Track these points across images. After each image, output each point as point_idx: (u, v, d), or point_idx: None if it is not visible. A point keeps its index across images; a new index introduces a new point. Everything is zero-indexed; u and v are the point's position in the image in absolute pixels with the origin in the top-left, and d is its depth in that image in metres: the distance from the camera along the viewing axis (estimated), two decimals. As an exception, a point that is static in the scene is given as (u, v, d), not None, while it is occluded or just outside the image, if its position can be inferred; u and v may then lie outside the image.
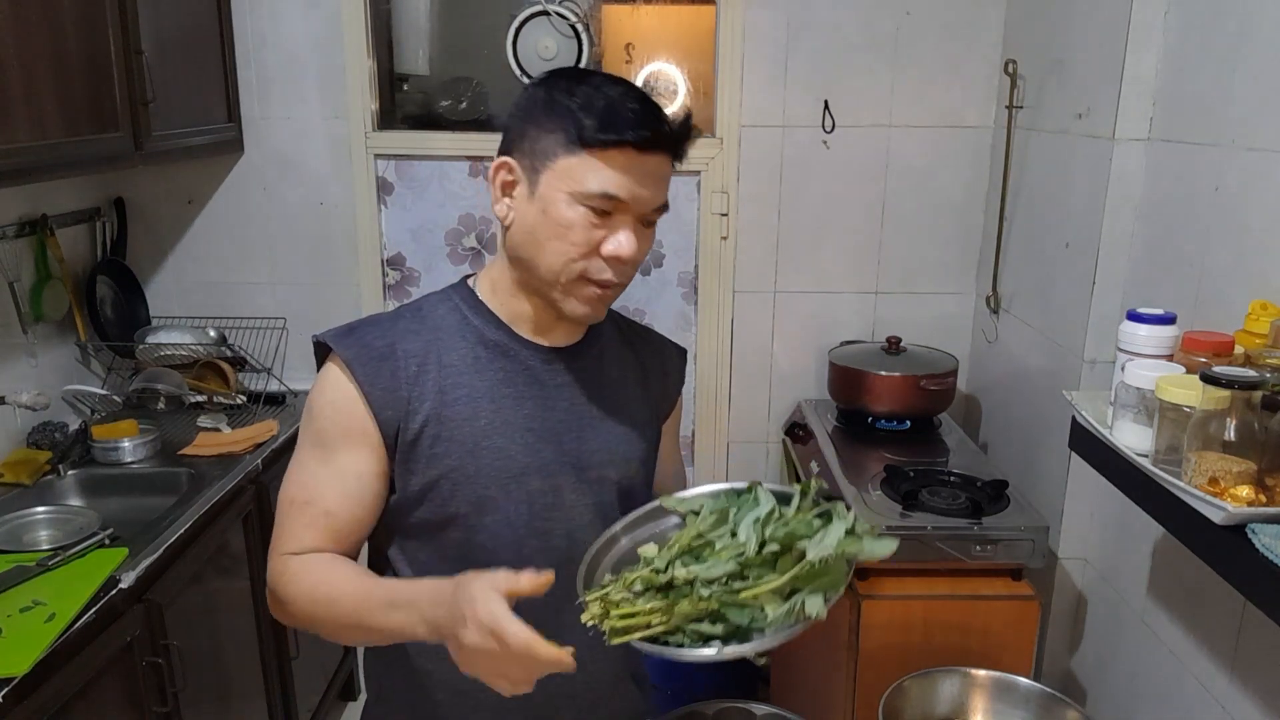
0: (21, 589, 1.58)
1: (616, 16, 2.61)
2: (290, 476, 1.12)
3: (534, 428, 1.10)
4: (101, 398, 2.40)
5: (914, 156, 2.52)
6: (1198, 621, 1.59)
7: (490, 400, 1.09)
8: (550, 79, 1.06)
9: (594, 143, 0.99)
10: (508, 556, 1.06)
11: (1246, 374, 1.10)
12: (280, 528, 1.10)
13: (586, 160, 1.00)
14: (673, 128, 1.03)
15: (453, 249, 2.65)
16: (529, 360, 1.12)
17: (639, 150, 1.00)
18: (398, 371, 1.07)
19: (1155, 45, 1.75)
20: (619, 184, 1.01)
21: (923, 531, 1.83)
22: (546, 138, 1.02)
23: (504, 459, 1.08)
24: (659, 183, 1.04)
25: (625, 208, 1.02)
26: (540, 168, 1.03)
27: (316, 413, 1.09)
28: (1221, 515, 1.07)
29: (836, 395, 2.43)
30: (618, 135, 0.99)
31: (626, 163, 1.00)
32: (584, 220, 1.02)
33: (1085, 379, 1.91)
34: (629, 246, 1.03)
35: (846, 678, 1.88)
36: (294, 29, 2.47)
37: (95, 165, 2.05)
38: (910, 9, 2.43)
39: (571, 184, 1.01)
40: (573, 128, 1.00)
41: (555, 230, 1.02)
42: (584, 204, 1.01)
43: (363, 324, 1.12)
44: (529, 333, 1.13)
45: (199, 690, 1.86)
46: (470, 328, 1.11)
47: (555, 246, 1.03)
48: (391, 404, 1.06)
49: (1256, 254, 1.46)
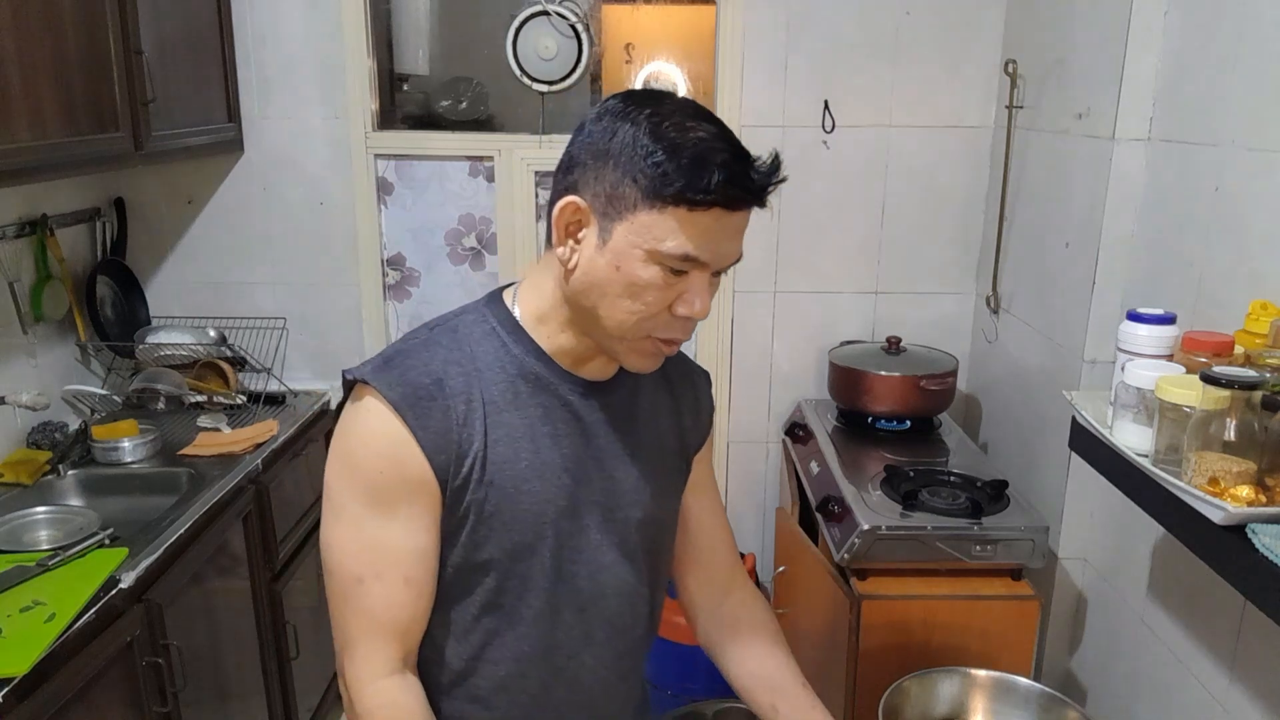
0: (21, 589, 1.58)
1: (616, 16, 2.61)
2: (342, 544, 1.00)
3: (569, 468, 1.04)
4: (101, 398, 2.40)
5: (914, 156, 2.52)
6: (1198, 621, 1.59)
7: (530, 440, 1.02)
8: (628, 112, 0.93)
9: (682, 202, 0.90)
10: (536, 602, 1.04)
11: (1246, 374, 1.10)
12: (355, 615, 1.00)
13: (669, 218, 0.91)
14: (763, 179, 0.94)
15: (453, 249, 2.65)
16: (567, 395, 1.05)
17: (728, 210, 0.92)
18: (449, 412, 0.98)
19: (1155, 45, 1.75)
20: (702, 246, 0.92)
21: (923, 531, 1.83)
22: (625, 184, 0.92)
23: (541, 503, 1.03)
24: (740, 237, 0.97)
25: (705, 267, 0.95)
26: (614, 216, 0.93)
27: (363, 464, 0.97)
28: (1221, 515, 1.07)
29: (836, 395, 2.43)
30: (706, 195, 0.89)
31: (712, 222, 0.92)
32: (659, 280, 0.93)
33: (1085, 379, 1.91)
34: (702, 308, 0.96)
35: (846, 678, 1.88)
36: (294, 29, 2.48)
37: (95, 165, 2.04)
38: (910, 9, 2.43)
39: (651, 241, 0.92)
40: (658, 180, 0.90)
41: (628, 289, 0.94)
42: (662, 263, 0.93)
43: (400, 356, 1.01)
44: (568, 364, 1.05)
45: (199, 690, 1.86)
46: (510, 357, 1.03)
47: (625, 305, 0.95)
48: (444, 448, 0.97)
49: (1256, 254, 1.46)
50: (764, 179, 0.93)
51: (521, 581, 1.04)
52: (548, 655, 1.07)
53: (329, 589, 1.02)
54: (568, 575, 1.06)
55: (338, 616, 1.02)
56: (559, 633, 1.06)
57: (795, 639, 2.41)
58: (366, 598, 0.99)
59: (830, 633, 1.98)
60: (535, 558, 1.03)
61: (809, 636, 2.21)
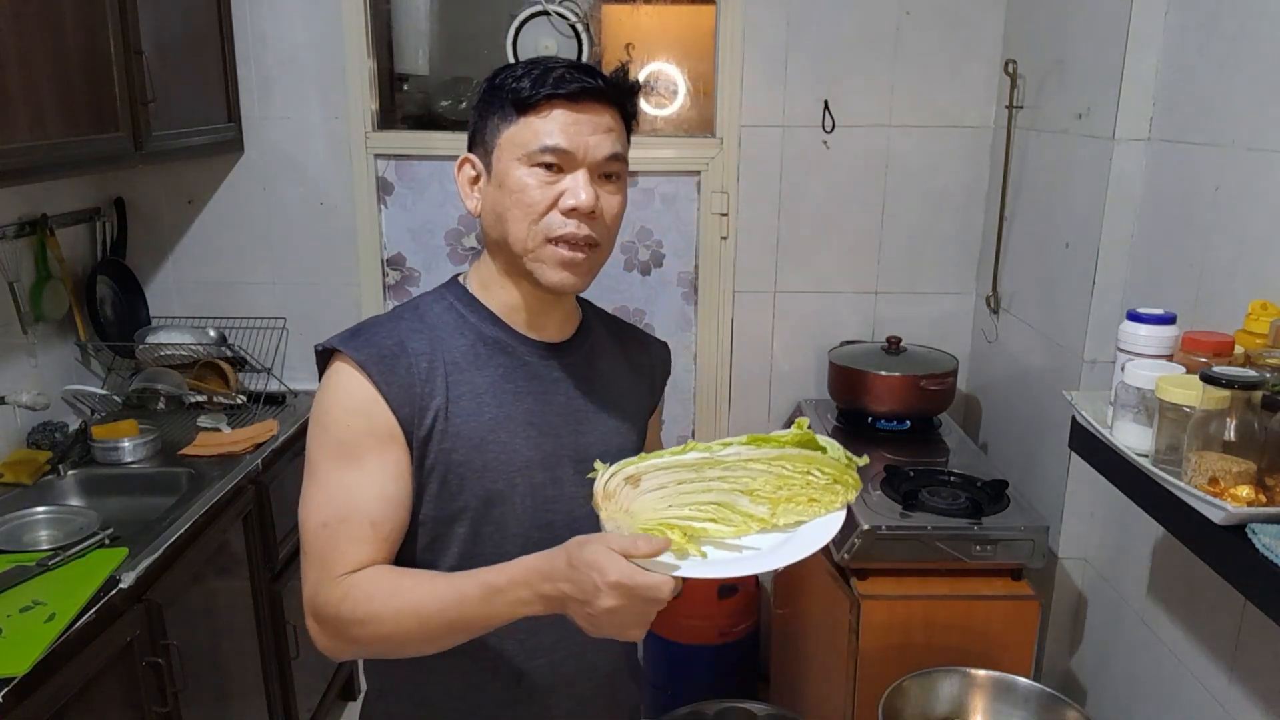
0: (21, 589, 1.58)
1: (616, 16, 2.61)
2: (313, 499, 1.06)
3: (535, 422, 1.12)
4: (101, 398, 2.40)
5: (914, 156, 2.52)
6: (1198, 621, 1.59)
7: (493, 396, 1.10)
8: (492, 74, 1.11)
9: (527, 105, 1.04)
10: (513, 549, 1.06)
11: (1246, 374, 1.10)
12: (319, 556, 1.04)
13: (525, 123, 1.05)
14: (606, 77, 1.07)
15: (453, 249, 2.65)
16: (526, 356, 1.14)
17: (572, 101, 1.04)
18: (411, 368, 1.07)
19: (1155, 45, 1.75)
20: (559, 134, 1.04)
21: (923, 531, 1.83)
22: (491, 120, 1.08)
23: (509, 452, 1.10)
24: (603, 133, 1.07)
25: (572, 159, 1.05)
26: (492, 149, 1.08)
27: (334, 421, 1.05)
28: (1221, 515, 1.07)
29: (836, 395, 2.43)
30: (550, 90, 1.03)
31: (564, 117, 1.04)
32: (537, 180, 1.05)
33: (1085, 379, 1.91)
34: (585, 196, 1.05)
35: (846, 678, 1.88)
36: (294, 29, 2.48)
37: (95, 165, 2.05)
38: (910, 9, 2.43)
39: (517, 149, 1.05)
40: (508, 98, 1.06)
41: (513, 199, 1.06)
42: (533, 163, 1.05)
43: (366, 326, 1.12)
44: (523, 327, 1.15)
45: (199, 690, 1.86)
46: (468, 325, 1.13)
47: (516, 213, 1.06)
48: (408, 401, 1.06)
49: (1256, 254, 1.46)
50: (608, 77, 1.07)
51: (498, 528, 1.10)
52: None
53: (301, 549, 1.06)
54: (544, 524, 1.11)
55: (305, 568, 1.05)
56: None
57: (795, 639, 2.41)
58: (331, 539, 1.03)
59: (830, 633, 1.98)
60: (508, 504, 1.10)
61: (809, 636, 2.21)
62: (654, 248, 2.64)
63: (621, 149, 1.09)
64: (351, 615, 1.00)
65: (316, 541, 1.04)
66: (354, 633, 1.01)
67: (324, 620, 1.03)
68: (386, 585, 1.01)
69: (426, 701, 1.16)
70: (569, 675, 1.17)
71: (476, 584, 0.97)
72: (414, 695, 1.17)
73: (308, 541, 1.05)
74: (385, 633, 1.00)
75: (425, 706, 1.16)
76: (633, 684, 1.29)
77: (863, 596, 1.83)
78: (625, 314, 2.45)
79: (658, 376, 1.32)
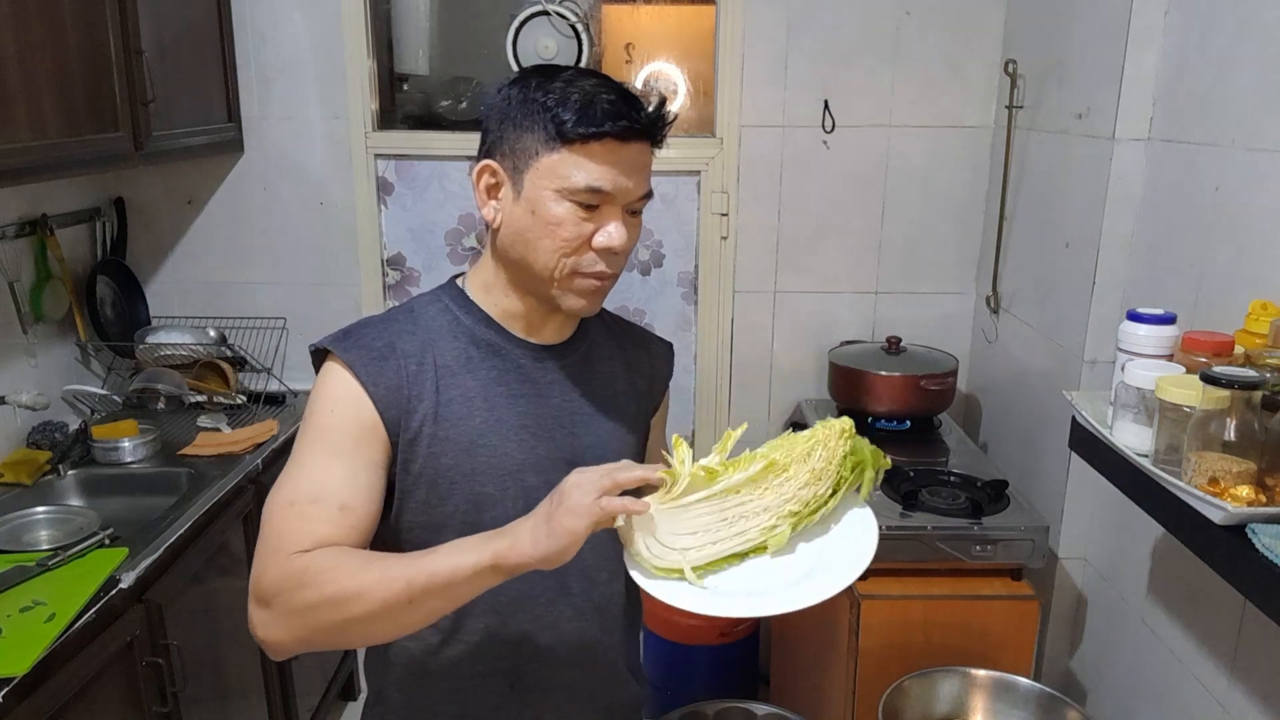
0: (21, 589, 1.58)
1: (616, 16, 2.61)
2: (285, 483, 1.02)
3: (528, 425, 1.12)
4: (101, 398, 2.40)
5: (914, 156, 2.52)
6: (1198, 621, 1.59)
7: (484, 399, 1.10)
8: (523, 78, 1.07)
9: (574, 137, 1.01)
10: None
11: (1246, 374, 1.10)
12: (277, 534, 0.98)
13: (568, 156, 1.02)
14: (649, 114, 1.05)
15: (453, 249, 2.65)
16: (520, 358, 1.13)
17: (619, 141, 1.02)
18: (399, 370, 1.07)
19: (1155, 45, 1.75)
20: (603, 176, 1.02)
21: (923, 531, 1.83)
22: (526, 137, 1.04)
23: (499, 456, 1.09)
24: (641, 171, 1.06)
25: (611, 199, 1.04)
26: (523, 168, 1.05)
27: (319, 413, 1.05)
28: (1221, 515, 1.07)
29: (836, 395, 2.43)
30: (596, 128, 1.01)
31: (608, 155, 1.03)
32: (572, 215, 1.04)
33: (1085, 379, 1.91)
34: (619, 237, 1.05)
35: (846, 678, 1.88)
36: (294, 29, 2.48)
37: (95, 165, 2.05)
38: (910, 9, 2.43)
39: (556, 181, 1.03)
40: (551, 125, 1.02)
41: (545, 229, 1.04)
42: (571, 199, 1.03)
43: (358, 327, 1.12)
44: (520, 330, 1.14)
45: (199, 690, 1.86)
46: (461, 327, 1.13)
47: (547, 244, 1.05)
48: (395, 402, 1.06)
49: (1256, 254, 1.46)
50: (650, 114, 1.05)
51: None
52: (526, 604, 1.12)
53: (259, 535, 1.00)
54: None
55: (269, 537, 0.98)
56: (534, 581, 1.08)
57: (795, 639, 2.41)
58: (297, 516, 0.98)
59: (830, 633, 1.98)
60: (499, 508, 1.08)
61: (809, 636, 2.21)
62: (654, 248, 2.64)
63: (650, 184, 1.09)
64: (309, 598, 0.93)
65: (277, 518, 0.99)
66: (309, 616, 0.93)
67: (270, 603, 0.95)
68: (354, 558, 0.95)
69: (424, 707, 1.16)
70: (566, 678, 1.16)
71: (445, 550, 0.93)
72: (411, 700, 1.17)
73: (268, 520, 1.00)
74: (343, 612, 0.92)
75: (422, 711, 1.16)
76: (634, 683, 1.28)
77: (863, 596, 1.83)
78: (625, 314, 2.45)
79: (658, 376, 1.30)
